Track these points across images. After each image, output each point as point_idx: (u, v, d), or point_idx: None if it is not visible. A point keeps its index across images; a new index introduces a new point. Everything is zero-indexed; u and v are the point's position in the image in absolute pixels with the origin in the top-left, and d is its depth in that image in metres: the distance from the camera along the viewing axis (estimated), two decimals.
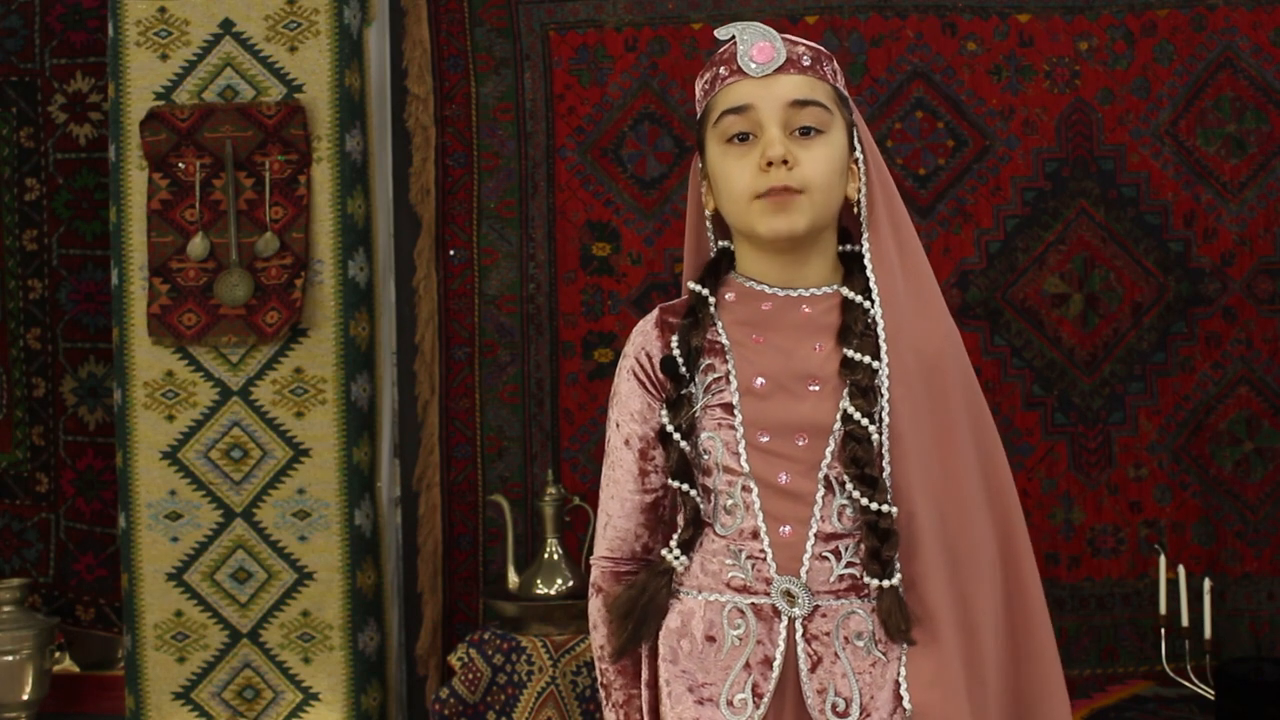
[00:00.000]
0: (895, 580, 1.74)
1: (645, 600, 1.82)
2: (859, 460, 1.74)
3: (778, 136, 1.77)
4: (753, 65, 1.80)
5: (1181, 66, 3.54)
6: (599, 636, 1.87)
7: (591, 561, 1.92)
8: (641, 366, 1.87)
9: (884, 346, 1.77)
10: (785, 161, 1.76)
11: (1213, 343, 3.53)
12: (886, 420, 1.76)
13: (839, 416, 1.76)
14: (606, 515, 1.89)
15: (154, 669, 3.41)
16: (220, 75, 3.40)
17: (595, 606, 1.89)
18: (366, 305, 3.44)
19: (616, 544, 1.88)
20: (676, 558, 1.82)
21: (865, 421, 1.75)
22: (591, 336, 3.63)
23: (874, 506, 1.74)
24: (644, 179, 3.62)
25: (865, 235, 1.83)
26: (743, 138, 1.80)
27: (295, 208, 3.36)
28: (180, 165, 3.38)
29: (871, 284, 1.81)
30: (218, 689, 3.40)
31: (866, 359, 1.77)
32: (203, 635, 3.39)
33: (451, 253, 3.66)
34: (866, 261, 1.82)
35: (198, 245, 3.36)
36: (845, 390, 1.77)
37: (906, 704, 1.72)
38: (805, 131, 1.78)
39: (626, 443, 1.87)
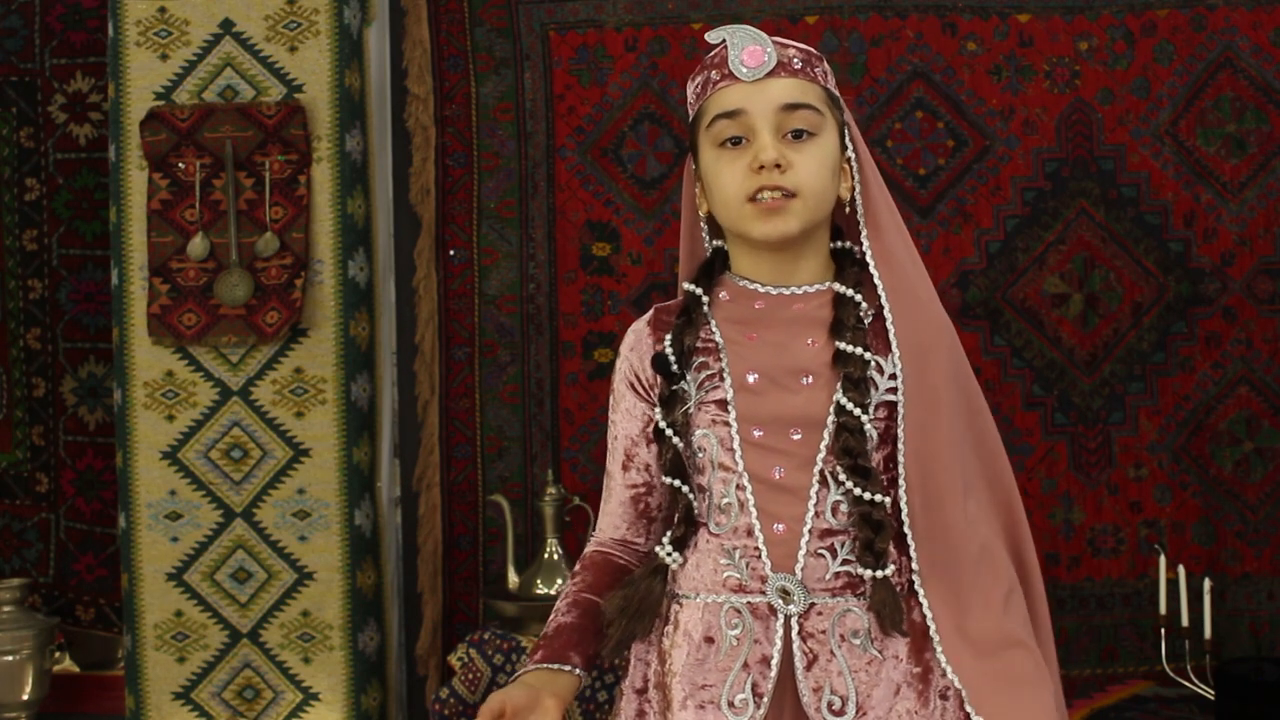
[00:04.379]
0: (889, 571, 1.75)
1: (639, 598, 1.82)
2: (851, 451, 1.75)
3: (770, 141, 1.78)
4: (744, 69, 1.81)
5: (1181, 66, 3.54)
6: (566, 583, 1.93)
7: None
8: (631, 367, 1.90)
9: (894, 340, 1.79)
10: (778, 165, 1.77)
11: (1213, 343, 3.53)
12: (903, 411, 1.77)
13: (832, 409, 1.77)
14: (603, 501, 1.95)
15: (154, 669, 3.41)
16: (220, 75, 3.40)
17: (572, 571, 1.94)
18: (366, 305, 3.44)
19: (604, 526, 1.94)
20: (669, 554, 1.82)
21: (859, 413, 1.76)
22: (591, 336, 3.63)
23: (867, 496, 1.75)
24: (644, 179, 3.62)
25: (864, 234, 1.85)
26: (735, 141, 1.81)
27: (295, 208, 3.36)
28: (180, 165, 3.38)
29: (876, 280, 1.82)
30: (218, 689, 3.40)
31: (859, 351, 1.78)
32: (203, 635, 3.39)
33: (451, 253, 3.66)
34: (869, 259, 1.83)
35: (198, 245, 3.37)
36: (838, 383, 1.78)
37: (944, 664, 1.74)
38: (797, 134, 1.80)
39: (615, 439, 1.91)
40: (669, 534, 1.84)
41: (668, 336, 1.86)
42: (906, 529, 1.77)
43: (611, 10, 3.62)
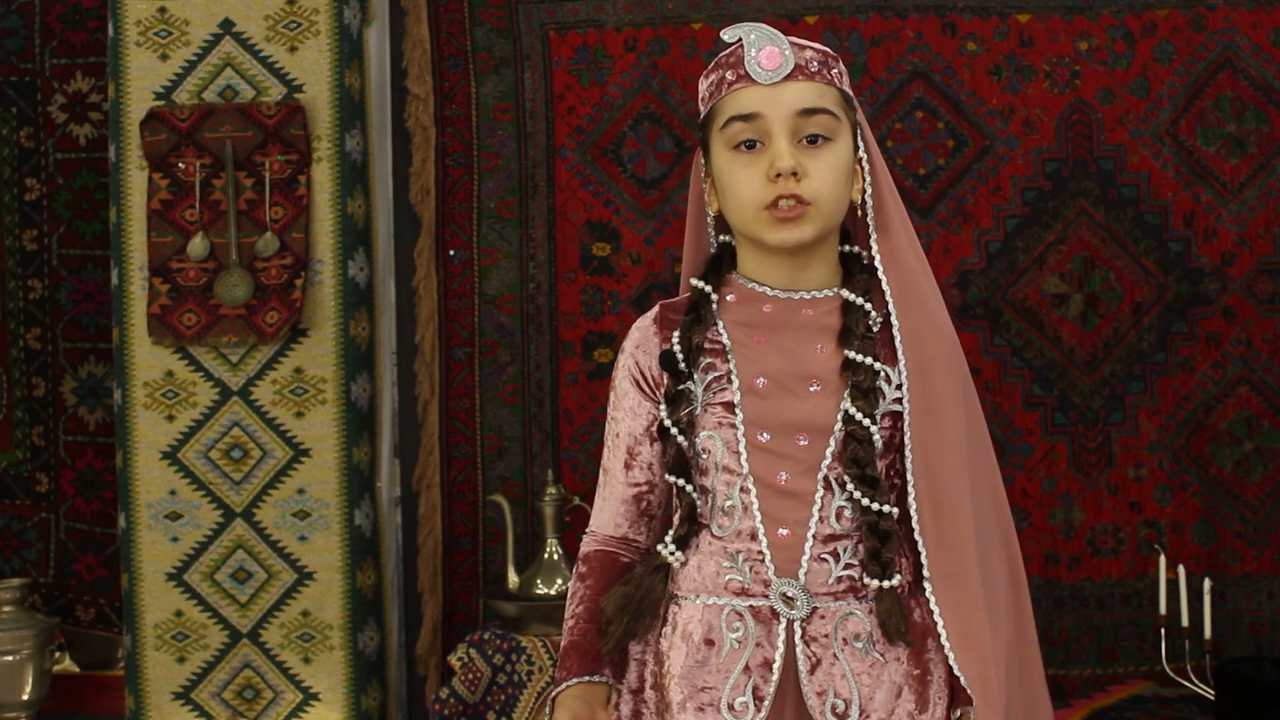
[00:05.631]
0: (895, 581, 1.75)
1: (640, 596, 1.82)
2: (860, 460, 1.75)
3: (786, 148, 1.76)
4: (761, 71, 1.79)
5: (1181, 66, 3.54)
6: (574, 584, 1.91)
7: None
8: (637, 364, 1.88)
9: (901, 350, 1.78)
10: (794, 173, 1.76)
11: (1213, 343, 3.53)
12: (909, 419, 1.77)
13: (840, 417, 1.77)
14: (600, 498, 1.93)
15: (154, 669, 3.41)
16: (220, 75, 3.40)
17: (577, 571, 1.92)
18: (366, 305, 3.44)
19: (602, 523, 1.92)
20: (672, 553, 1.82)
21: (866, 422, 1.75)
22: (591, 336, 3.63)
23: (875, 506, 1.74)
24: (644, 179, 3.62)
25: (874, 237, 1.83)
26: (750, 145, 1.79)
27: (295, 208, 3.36)
28: (180, 165, 3.38)
29: (884, 286, 1.81)
30: (218, 689, 3.40)
31: (868, 360, 1.77)
32: (203, 635, 3.39)
33: (451, 253, 3.66)
34: (878, 264, 1.82)
35: (198, 245, 3.37)
36: (846, 391, 1.77)
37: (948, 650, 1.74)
38: (813, 139, 1.78)
39: (617, 436, 1.89)
40: (671, 532, 1.83)
41: (675, 334, 1.85)
42: (917, 536, 1.77)
43: (611, 10, 3.62)
